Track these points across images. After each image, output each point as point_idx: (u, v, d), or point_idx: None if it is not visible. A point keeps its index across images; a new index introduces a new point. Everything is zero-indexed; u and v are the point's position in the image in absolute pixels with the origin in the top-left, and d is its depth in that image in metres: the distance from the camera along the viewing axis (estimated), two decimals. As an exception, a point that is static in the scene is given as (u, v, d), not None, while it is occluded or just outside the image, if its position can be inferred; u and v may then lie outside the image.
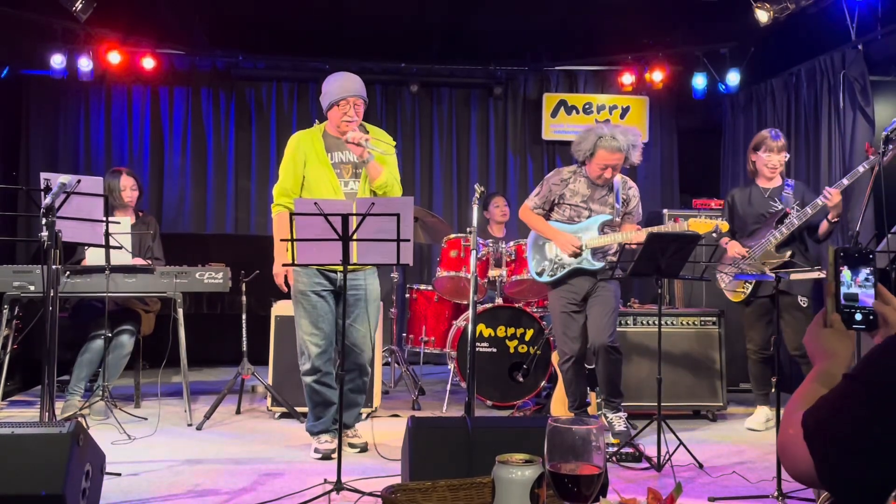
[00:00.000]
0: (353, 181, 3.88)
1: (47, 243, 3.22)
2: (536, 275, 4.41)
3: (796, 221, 4.36)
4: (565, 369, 4.28)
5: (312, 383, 3.85)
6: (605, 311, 4.17)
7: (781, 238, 4.41)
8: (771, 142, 4.57)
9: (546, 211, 4.40)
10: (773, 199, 4.57)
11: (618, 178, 4.32)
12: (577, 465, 1.20)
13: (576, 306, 4.25)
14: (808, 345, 1.36)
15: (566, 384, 4.34)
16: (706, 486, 3.42)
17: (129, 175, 4.92)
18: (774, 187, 4.60)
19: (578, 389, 4.30)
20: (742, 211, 4.65)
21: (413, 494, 1.58)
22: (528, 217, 4.44)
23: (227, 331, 5.90)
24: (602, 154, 4.14)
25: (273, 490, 3.28)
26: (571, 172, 4.35)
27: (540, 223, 4.37)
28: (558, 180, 4.36)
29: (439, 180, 7.53)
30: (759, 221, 4.56)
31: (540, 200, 4.40)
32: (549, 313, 4.50)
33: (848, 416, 1.13)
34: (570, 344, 4.24)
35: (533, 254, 4.45)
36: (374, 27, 6.83)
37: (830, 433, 1.14)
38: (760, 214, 4.57)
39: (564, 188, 4.32)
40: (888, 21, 5.17)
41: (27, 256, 6.24)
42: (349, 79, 3.88)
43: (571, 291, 4.26)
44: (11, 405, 5.11)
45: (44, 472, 2.50)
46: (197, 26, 6.75)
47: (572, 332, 4.23)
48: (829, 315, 1.34)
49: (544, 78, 7.57)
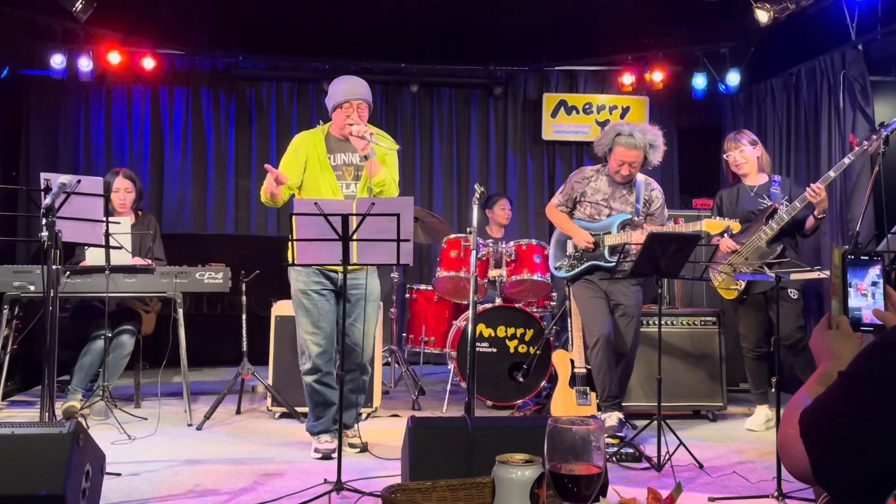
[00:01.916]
0: (354, 183, 3.87)
1: (47, 243, 3.22)
2: (555, 269, 4.57)
3: (785, 216, 4.37)
4: (595, 354, 4.25)
5: (313, 383, 3.85)
6: (634, 325, 4.31)
7: (772, 234, 4.41)
8: (727, 143, 4.67)
9: (570, 209, 4.50)
10: (760, 197, 4.58)
11: (641, 178, 4.40)
12: (577, 465, 1.20)
13: (601, 298, 4.34)
14: (814, 346, 1.36)
15: (595, 370, 4.28)
16: (706, 486, 3.42)
17: (126, 177, 4.84)
18: (761, 184, 4.62)
19: (609, 376, 4.24)
20: (730, 210, 4.66)
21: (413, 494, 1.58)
22: (552, 214, 4.58)
23: (227, 331, 5.91)
24: (619, 150, 4.23)
25: (273, 490, 3.28)
26: (594, 171, 4.47)
27: (562, 219, 4.50)
28: (581, 178, 4.47)
29: (439, 180, 7.54)
30: (749, 219, 4.56)
31: (563, 198, 4.51)
32: (576, 304, 4.50)
33: (841, 412, 1.13)
34: (599, 326, 4.25)
35: (555, 250, 4.58)
36: (374, 27, 6.83)
37: (824, 431, 1.14)
38: (750, 212, 4.58)
39: (586, 186, 4.41)
40: (888, 21, 5.17)
41: (27, 256, 6.24)
42: (355, 82, 3.88)
43: (592, 284, 4.37)
44: (11, 405, 5.11)
45: (44, 472, 2.50)
46: (197, 26, 6.75)
47: (601, 314, 4.28)
48: (835, 317, 1.33)
49: (544, 78, 7.57)
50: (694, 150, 7.67)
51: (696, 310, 5.18)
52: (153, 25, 6.63)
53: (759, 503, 3.20)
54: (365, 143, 3.71)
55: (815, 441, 1.14)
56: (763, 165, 4.66)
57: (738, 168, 4.62)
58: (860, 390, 1.12)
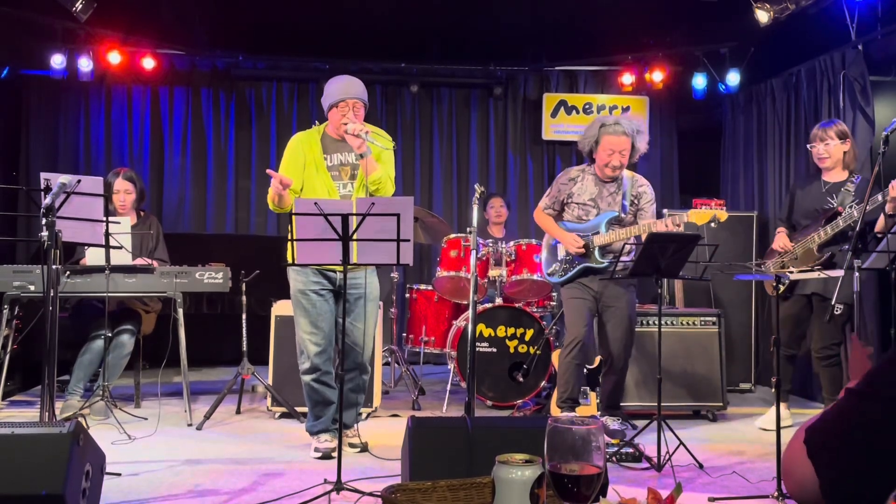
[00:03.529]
0: (351, 183, 3.87)
1: (47, 243, 3.22)
2: (548, 275, 4.53)
3: (842, 223, 4.15)
4: (566, 353, 4.25)
5: (311, 382, 3.85)
6: (624, 327, 4.29)
7: (826, 237, 4.22)
8: (815, 131, 4.44)
9: (557, 211, 4.46)
10: (830, 195, 4.36)
11: (627, 175, 4.34)
12: (577, 465, 1.20)
13: (587, 300, 4.30)
14: (852, 363, 1.34)
15: (562, 371, 4.29)
16: (706, 486, 3.42)
17: (126, 178, 4.84)
18: (836, 182, 4.38)
19: (573, 379, 4.26)
20: (799, 204, 4.49)
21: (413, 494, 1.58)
22: (539, 218, 4.54)
23: (227, 331, 5.90)
24: (607, 140, 4.19)
25: (273, 490, 3.28)
26: (580, 171, 4.43)
27: (549, 224, 4.46)
28: (566, 179, 4.43)
29: (439, 180, 7.53)
30: (810, 217, 4.40)
31: (550, 201, 4.48)
32: (563, 301, 4.49)
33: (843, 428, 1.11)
34: (578, 328, 4.25)
35: (546, 255, 4.55)
36: (374, 27, 6.83)
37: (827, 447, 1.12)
38: (815, 210, 4.39)
39: (572, 187, 4.38)
40: (888, 21, 5.17)
41: (27, 256, 6.23)
42: (350, 82, 3.87)
43: (583, 287, 4.33)
44: (11, 405, 5.11)
45: (44, 472, 2.50)
46: (197, 26, 6.75)
47: (582, 317, 4.27)
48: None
49: (544, 78, 7.57)
50: (694, 150, 7.66)
51: (696, 310, 5.18)
52: (153, 25, 6.63)
53: (759, 503, 3.20)
54: (361, 141, 3.71)
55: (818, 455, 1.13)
56: (848, 162, 4.39)
57: (820, 161, 4.40)
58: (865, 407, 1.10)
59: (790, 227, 4.56)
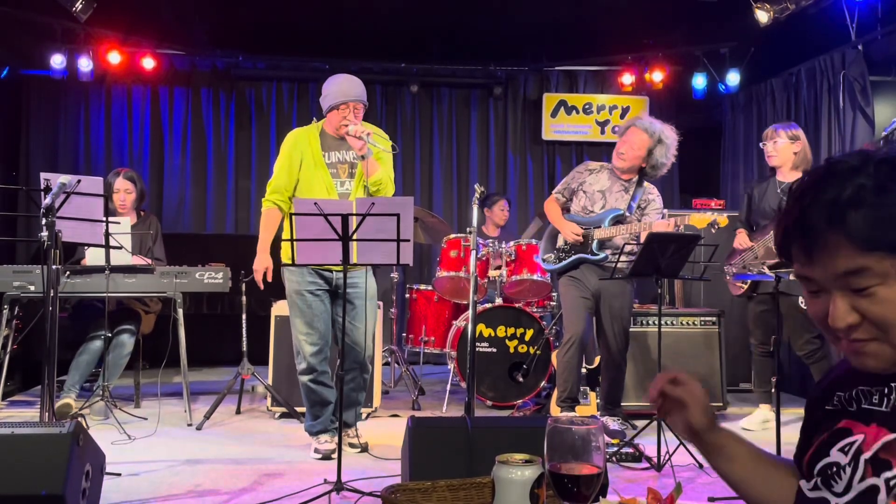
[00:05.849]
0: (349, 181, 3.87)
1: (47, 243, 3.22)
2: (542, 261, 4.58)
3: None
4: (565, 351, 4.26)
5: (308, 382, 3.84)
6: (620, 322, 4.31)
7: None
8: (767, 130, 4.57)
9: (566, 199, 4.51)
10: (785, 194, 4.43)
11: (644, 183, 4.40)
12: (577, 465, 1.20)
13: (585, 298, 4.31)
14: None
15: (560, 370, 4.30)
16: (706, 486, 3.42)
17: (127, 178, 4.83)
18: (790, 182, 4.45)
19: (572, 377, 4.27)
20: (757, 204, 4.57)
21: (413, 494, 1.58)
22: (546, 205, 4.59)
23: (227, 331, 5.90)
24: (632, 130, 4.28)
25: (273, 490, 3.28)
26: (600, 165, 4.52)
27: (554, 213, 4.49)
28: (584, 169, 4.51)
29: (439, 180, 7.53)
30: (768, 217, 4.47)
31: (562, 187, 4.55)
32: (560, 299, 4.50)
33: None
34: (576, 325, 4.26)
35: (545, 243, 4.59)
36: (374, 27, 6.83)
37: None
38: (772, 209, 4.47)
39: (587, 176, 4.44)
40: (888, 21, 5.17)
41: (27, 256, 6.23)
42: (350, 82, 3.85)
43: (580, 280, 4.34)
44: (11, 405, 5.11)
45: (44, 472, 2.50)
46: (197, 26, 6.75)
47: (580, 316, 4.28)
48: None
49: (544, 78, 7.57)
50: (694, 150, 7.62)
51: (696, 310, 5.18)
52: (153, 25, 6.63)
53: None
54: (362, 143, 3.70)
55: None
56: (799, 163, 4.47)
57: (769, 160, 4.53)
58: None
59: (749, 228, 4.63)
